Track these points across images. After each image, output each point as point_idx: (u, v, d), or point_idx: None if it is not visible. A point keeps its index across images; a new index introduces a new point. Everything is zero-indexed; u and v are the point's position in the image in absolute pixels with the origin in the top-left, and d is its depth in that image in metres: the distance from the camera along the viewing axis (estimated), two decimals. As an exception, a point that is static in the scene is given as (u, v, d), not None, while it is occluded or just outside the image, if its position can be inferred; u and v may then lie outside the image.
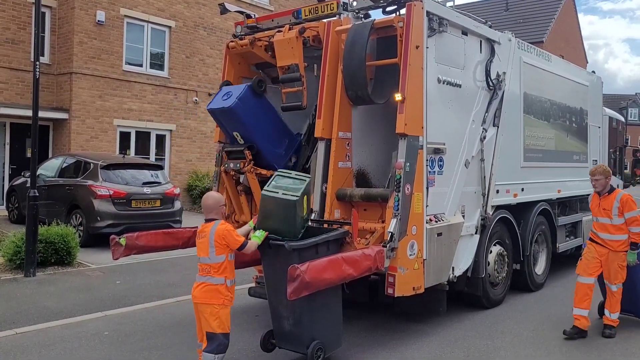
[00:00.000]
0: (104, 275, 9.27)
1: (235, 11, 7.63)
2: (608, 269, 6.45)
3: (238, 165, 6.70)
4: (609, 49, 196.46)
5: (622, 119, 13.67)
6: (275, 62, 6.69)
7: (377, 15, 6.56)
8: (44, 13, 16.58)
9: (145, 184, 12.44)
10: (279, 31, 6.71)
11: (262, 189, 5.36)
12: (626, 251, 6.38)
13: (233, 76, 7.34)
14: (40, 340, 6.06)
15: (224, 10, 7.54)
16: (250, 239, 4.92)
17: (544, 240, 8.90)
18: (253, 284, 6.95)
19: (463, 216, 6.73)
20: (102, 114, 17.51)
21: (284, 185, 5.14)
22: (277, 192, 5.05)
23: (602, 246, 6.43)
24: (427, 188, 6.02)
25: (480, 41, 7.13)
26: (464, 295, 7.29)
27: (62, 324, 6.67)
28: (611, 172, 6.81)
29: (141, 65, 18.73)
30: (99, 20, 17.28)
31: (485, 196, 7.19)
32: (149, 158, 18.40)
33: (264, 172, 6.61)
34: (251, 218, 6.45)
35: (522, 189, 8.16)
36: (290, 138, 7.00)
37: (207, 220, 4.83)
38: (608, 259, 6.42)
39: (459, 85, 6.69)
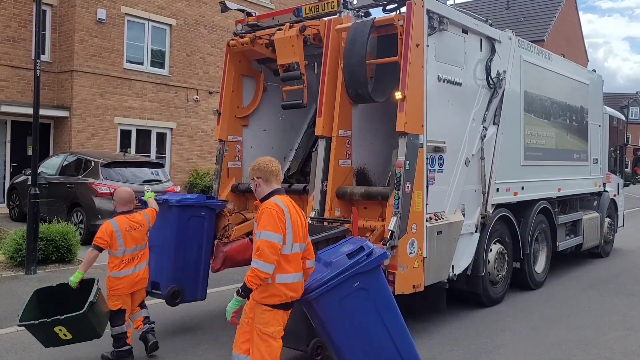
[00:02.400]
0: (104, 273, 9.26)
1: (235, 9, 7.64)
2: None
3: None
4: (609, 47, 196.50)
5: (623, 117, 13.65)
6: (276, 56, 6.69)
7: (377, 13, 6.58)
8: (44, 11, 16.60)
9: (146, 182, 12.43)
10: (279, 29, 6.72)
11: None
12: None
13: (234, 74, 7.36)
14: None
15: (224, 9, 7.55)
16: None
17: (544, 239, 8.91)
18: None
19: (463, 214, 6.74)
20: (102, 112, 17.52)
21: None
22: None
23: None
24: (427, 186, 6.03)
25: (481, 40, 7.13)
26: (464, 294, 7.31)
27: (63, 321, 6.67)
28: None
29: (142, 64, 18.74)
30: (99, 18, 17.29)
31: (486, 194, 7.20)
32: (149, 156, 18.41)
33: None
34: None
35: (522, 188, 8.16)
36: None
37: (125, 213, 5.29)
38: None
39: (459, 84, 6.69)
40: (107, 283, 5.33)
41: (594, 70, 11.36)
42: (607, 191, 11.52)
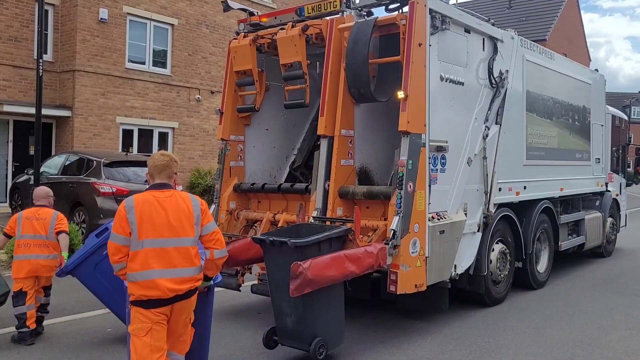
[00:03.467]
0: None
1: (238, 9, 7.64)
2: None
3: None
4: (610, 46, 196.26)
5: (625, 117, 13.63)
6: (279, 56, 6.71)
7: (380, 12, 6.58)
8: (47, 11, 16.61)
9: (147, 182, 12.44)
10: (281, 29, 6.72)
11: None
12: None
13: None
14: (43, 336, 6.08)
15: (226, 8, 7.55)
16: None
17: (546, 239, 8.90)
18: (255, 281, 6.96)
19: (465, 214, 6.73)
20: (105, 111, 17.54)
21: None
22: None
23: None
24: (430, 186, 6.03)
25: (483, 39, 7.13)
26: (466, 293, 7.30)
27: (65, 320, 6.70)
28: None
29: (144, 63, 18.76)
30: (101, 18, 17.30)
31: (488, 194, 7.19)
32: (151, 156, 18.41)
33: None
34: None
35: (525, 187, 8.15)
36: None
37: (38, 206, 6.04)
38: None
39: (462, 83, 6.69)
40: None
41: (596, 70, 11.34)
42: (609, 191, 11.50)
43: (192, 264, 3.82)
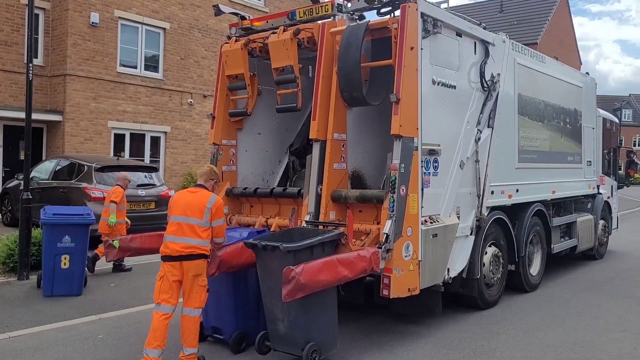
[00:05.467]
0: (98, 277, 9.23)
1: (229, 13, 7.62)
2: None
3: None
4: (600, 50, 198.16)
5: (616, 120, 13.71)
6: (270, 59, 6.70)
7: (371, 16, 6.58)
8: (37, 15, 16.54)
9: (139, 186, 12.39)
10: (273, 33, 6.70)
11: None
12: None
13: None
14: (34, 343, 6.01)
15: (218, 12, 7.53)
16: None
17: (538, 241, 8.91)
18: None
19: (458, 217, 6.73)
20: (96, 115, 17.46)
21: None
22: None
23: None
24: (422, 189, 6.02)
25: (475, 42, 7.14)
26: (460, 297, 7.29)
27: (56, 327, 6.62)
28: None
29: (136, 67, 18.70)
30: (93, 22, 17.24)
31: (480, 197, 7.20)
32: (143, 160, 18.35)
33: None
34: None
35: (517, 190, 8.17)
36: None
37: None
38: None
39: (454, 87, 6.69)
40: None
41: (587, 73, 11.40)
42: (601, 193, 11.56)
43: (197, 237, 5.12)
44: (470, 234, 7.05)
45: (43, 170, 13.49)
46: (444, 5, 6.66)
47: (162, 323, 5.06)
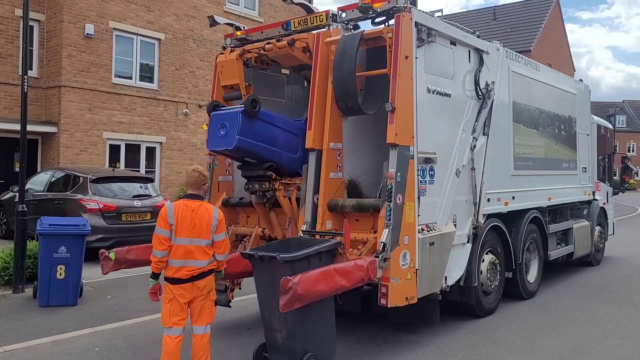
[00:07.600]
0: (94, 290, 9.17)
1: (224, 23, 7.64)
2: None
3: (264, 186, 6.54)
4: (591, 56, 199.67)
5: (610, 126, 13.78)
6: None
7: (366, 26, 6.60)
8: (32, 27, 16.55)
9: (135, 197, 12.35)
10: (268, 43, 6.72)
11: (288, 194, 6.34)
12: None
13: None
14: (29, 357, 5.96)
15: (213, 23, 7.55)
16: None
17: (535, 248, 8.92)
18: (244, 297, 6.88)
19: (455, 225, 6.73)
20: (91, 127, 17.43)
21: None
22: None
23: None
24: (419, 198, 6.02)
25: (469, 51, 7.18)
26: (457, 305, 7.28)
27: (52, 340, 6.57)
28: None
29: (131, 78, 18.70)
30: (87, 34, 17.25)
31: (477, 205, 7.21)
32: (139, 171, 18.30)
33: (290, 181, 6.53)
34: (282, 233, 6.41)
35: (513, 197, 8.19)
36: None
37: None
38: None
39: (449, 95, 6.72)
40: None
41: (581, 80, 11.47)
42: (596, 199, 11.59)
43: (207, 257, 5.01)
44: (467, 242, 7.05)
45: (38, 182, 13.43)
46: (437, 14, 6.70)
47: (176, 346, 4.93)
